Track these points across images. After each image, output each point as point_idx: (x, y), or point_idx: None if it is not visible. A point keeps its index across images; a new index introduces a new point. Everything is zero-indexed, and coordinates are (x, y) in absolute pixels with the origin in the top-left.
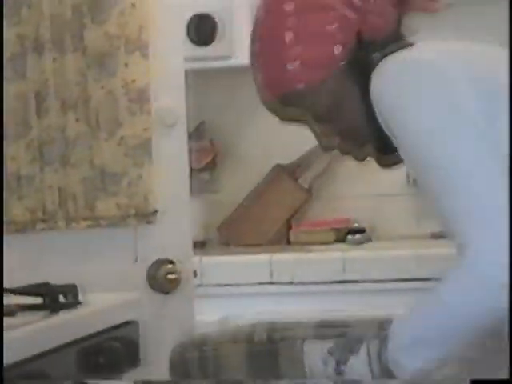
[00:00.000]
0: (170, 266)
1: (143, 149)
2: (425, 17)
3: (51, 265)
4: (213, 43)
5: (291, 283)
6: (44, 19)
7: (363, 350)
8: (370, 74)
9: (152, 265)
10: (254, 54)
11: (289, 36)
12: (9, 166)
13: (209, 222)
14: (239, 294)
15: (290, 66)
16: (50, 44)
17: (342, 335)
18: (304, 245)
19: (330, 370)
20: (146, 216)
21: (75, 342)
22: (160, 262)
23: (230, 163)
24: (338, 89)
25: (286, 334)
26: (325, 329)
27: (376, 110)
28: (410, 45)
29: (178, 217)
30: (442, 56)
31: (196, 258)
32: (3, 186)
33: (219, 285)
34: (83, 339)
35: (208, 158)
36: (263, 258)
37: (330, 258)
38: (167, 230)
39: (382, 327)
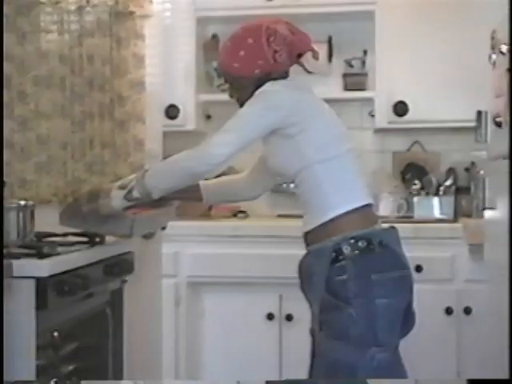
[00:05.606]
0: None
1: (140, 168)
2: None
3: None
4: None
5: None
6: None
7: (133, 180)
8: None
9: None
10: (225, 49)
11: (241, 52)
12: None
13: None
14: None
15: (235, 65)
16: (97, 114)
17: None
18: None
19: (121, 197)
20: None
21: (102, 260)
22: None
23: None
24: (251, 83)
25: None
26: None
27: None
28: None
29: None
30: (272, 89)
31: None
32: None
33: None
34: (106, 259)
35: None
36: None
37: None
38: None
39: None
